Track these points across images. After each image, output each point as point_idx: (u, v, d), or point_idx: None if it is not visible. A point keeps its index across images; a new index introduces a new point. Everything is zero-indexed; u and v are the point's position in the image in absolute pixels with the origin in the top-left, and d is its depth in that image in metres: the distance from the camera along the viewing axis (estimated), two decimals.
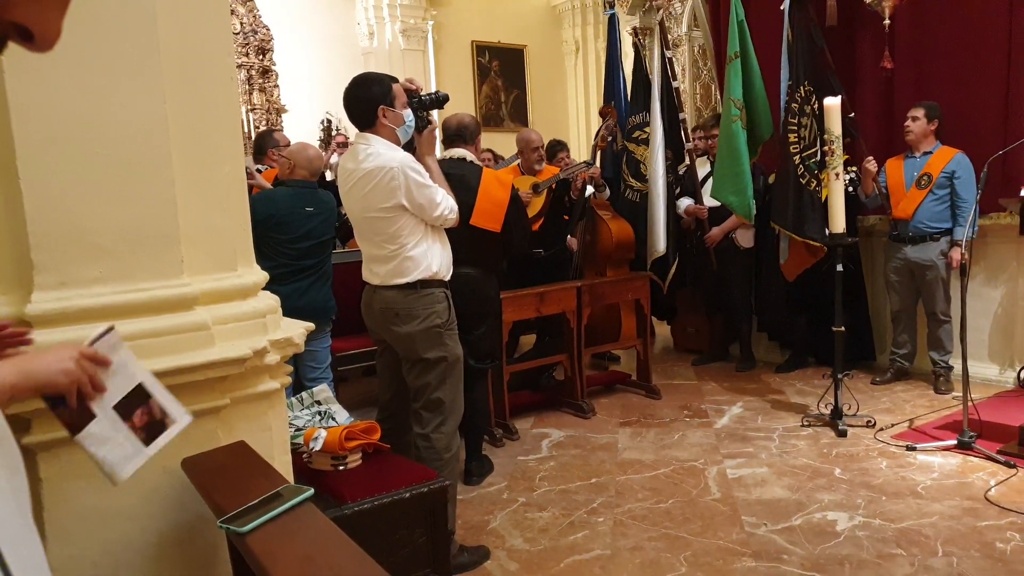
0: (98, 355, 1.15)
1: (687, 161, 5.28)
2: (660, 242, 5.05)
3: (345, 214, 4.75)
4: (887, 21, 4.48)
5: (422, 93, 2.63)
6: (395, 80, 2.58)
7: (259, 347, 1.76)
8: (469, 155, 3.12)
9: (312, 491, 1.41)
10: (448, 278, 2.67)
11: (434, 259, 2.59)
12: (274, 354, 1.84)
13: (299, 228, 3.43)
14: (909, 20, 4.61)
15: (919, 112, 4.31)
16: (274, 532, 1.29)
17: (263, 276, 1.95)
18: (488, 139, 8.37)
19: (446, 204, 2.54)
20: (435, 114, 2.79)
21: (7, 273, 1.56)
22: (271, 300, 1.93)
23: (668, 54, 5.32)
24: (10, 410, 1.43)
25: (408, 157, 2.52)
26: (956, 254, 4.14)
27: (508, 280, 4.64)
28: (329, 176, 5.61)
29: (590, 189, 4.86)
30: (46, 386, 1.09)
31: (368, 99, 2.51)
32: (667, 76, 5.23)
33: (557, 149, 5.17)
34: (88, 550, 1.58)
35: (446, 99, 2.68)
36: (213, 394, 1.71)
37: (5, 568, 0.57)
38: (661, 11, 5.68)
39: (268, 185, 3.94)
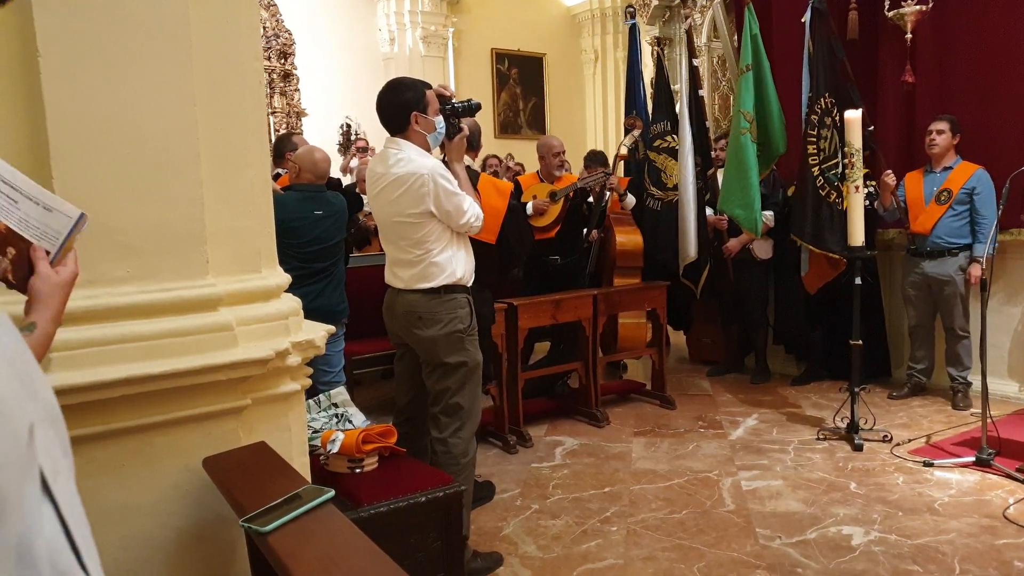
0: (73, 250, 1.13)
1: (712, 169, 5.27)
2: (691, 247, 5.02)
3: (362, 219, 4.81)
4: (909, 35, 4.47)
5: (454, 100, 2.65)
6: (428, 86, 2.59)
7: (281, 349, 1.77)
8: (467, 160, 3.08)
9: (333, 493, 1.42)
10: (471, 284, 2.68)
11: (459, 265, 2.61)
12: (295, 356, 1.86)
13: (308, 232, 3.41)
14: (931, 34, 4.59)
15: (943, 125, 4.27)
16: (295, 532, 1.30)
17: (286, 278, 1.98)
18: (506, 146, 8.43)
19: (472, 212, 2.56)
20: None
21: None
22: (293, 302, 1.95)
23: (695, 62, 5.32)
24: None
25: (438, 164, 2.54)
26: (976, 270, 4.11)
27: (524, 287, 4.66)
28: (347, 180, 5.65)
29: (608, 194, 4.85)
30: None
31: (401, 104, 2.53)
32: (694, 84, 5.23)
33: (596, 162, 5.17)
34: (109, 545, 1.60)
35: (478, 107, 2.68)
36: (235, 394, 1.73)
37: (73, 544, 0.59)
38: (688, 19, 5.67)
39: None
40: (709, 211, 5.17)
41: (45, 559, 0.55)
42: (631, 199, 5.17)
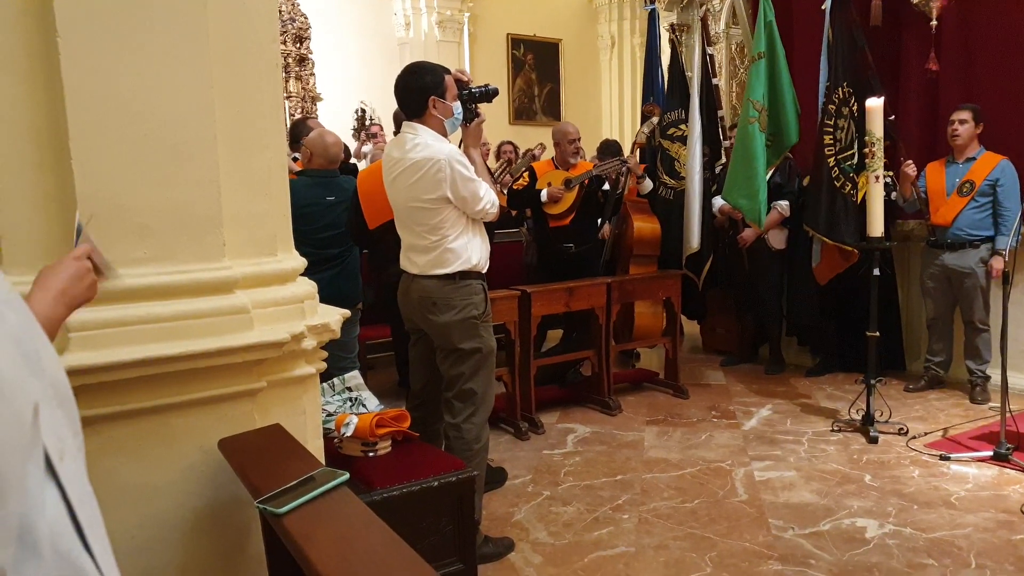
0: (94, 253, 1.20)
1: (723, 160, 5.22)
2: (694, 238, 4.99)
3: None
4: (934, 22, 4.38)
5: (472, 86, 2.63)
6: (448, 71, 2.58)
7: (297, 332, 1.78)
8: None
9: (347, 476, 1.42)
10: (486, 270, 2.68)
11: (474, 252, 2.60)
12: (311, 339, 1.86)
13: (320, 219, 3.37)
14: (957, 21, 4.50)
15: (966, 115, 4.19)
16: (310, 514, 1.31)
17: (302, 262, 1.98)
18: (520, 132, 8.38)
19: (488, 198, 2.55)
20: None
21: (56, 250, 1.60)
22: (309, 286, 1.95)
23: (709, 50, 5.25)
24: None
25: (455, 150, 2.53)
26: (998, 263, 4.03)
27: (538, 275, 4.65)
28: (363, 165, 5.64)
29: (623, 181, 4.83)
30: (80, 306, 1.14)
31: (420, 88, 2.51)
32: (707, 72, 5.17)
33: (608, 152, 5.13)
34: (125, 524, 1.62)
35: (496, 93, 2.66)
36: (250, 377, 1.74)
37: (78, 525, 0.58)
38: (704, 6, 5.60)
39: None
40: (723, 201, 5.12)
41: (47, 540, 0.54)
42: (648, 183, 5.14)
